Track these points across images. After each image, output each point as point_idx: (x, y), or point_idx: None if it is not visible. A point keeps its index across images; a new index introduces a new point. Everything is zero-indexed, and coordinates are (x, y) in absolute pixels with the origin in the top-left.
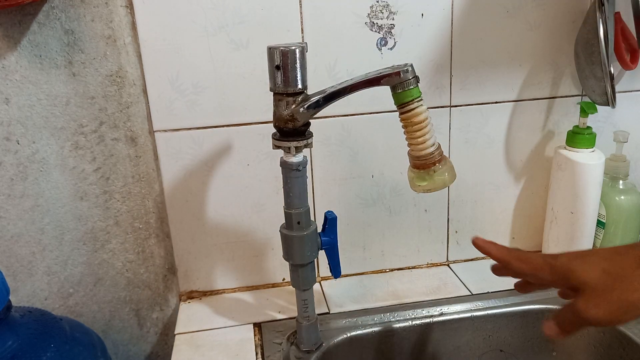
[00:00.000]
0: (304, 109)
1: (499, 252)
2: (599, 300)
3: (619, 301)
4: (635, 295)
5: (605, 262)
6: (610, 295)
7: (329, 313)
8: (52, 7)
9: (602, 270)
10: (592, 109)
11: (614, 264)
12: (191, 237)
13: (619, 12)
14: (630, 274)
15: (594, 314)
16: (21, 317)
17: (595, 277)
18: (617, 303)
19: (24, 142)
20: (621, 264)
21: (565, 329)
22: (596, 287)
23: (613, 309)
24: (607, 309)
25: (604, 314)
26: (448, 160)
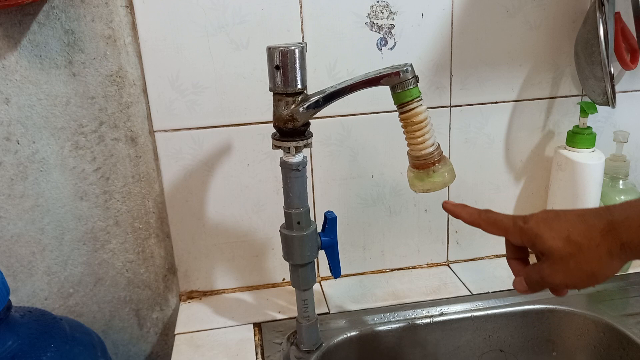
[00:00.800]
0: (303, 109)
1: (469, 215)
2: (560, 267)
3: (577, 270)
4: (592, 265)
5: (571, 230)
6: (569, 263)
7: (329, 313)
8: (52, 7)
9: (566, 239)
10: (592, 109)
11: (578, 232)
12: (191, 237)
13: (619, 12)
14: (592, 245)
15: (554, 279)
16: (21, 317)
17: (559, 245)
18: (575, 272)
19: (24, 142)
20: (585, 233)
21: (532, 288)
22: (558, 255)
23: (571, 276)
24: (566, 276)
25: (562, 280)
26: (448, 160)
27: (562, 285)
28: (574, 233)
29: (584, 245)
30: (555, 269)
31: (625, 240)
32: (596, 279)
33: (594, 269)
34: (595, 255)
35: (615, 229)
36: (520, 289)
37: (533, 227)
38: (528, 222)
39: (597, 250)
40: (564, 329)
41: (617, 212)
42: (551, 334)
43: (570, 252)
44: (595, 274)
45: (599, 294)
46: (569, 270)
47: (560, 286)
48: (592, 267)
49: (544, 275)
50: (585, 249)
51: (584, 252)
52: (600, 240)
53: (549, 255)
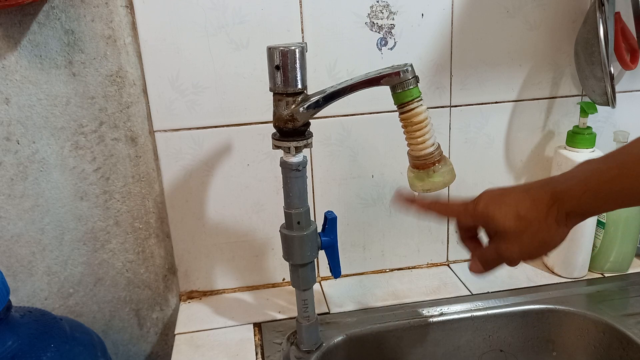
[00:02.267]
0: (303, 109)
1: (422, 205)
2: (515, 242)
3: (530, 242)
4: (543, 235)
5: (519, 207)
6: (522, 238)
7: (329, 313)
8: (52, 7)
9: (516, 216)
10: (592, 109)
11: (526, 208)
12: (191, 237)
13: (619, 12)
14: (540, 217)
15: (511, 254)
16: (21, 317)
17: (511, 224)
18: (529, 244)
19: (24, 142)
20: (532, 207)
21: (488, 266)
22: (512, 232)
23: (526, 248)
24: (522, 249)
25: (518, 254)
26: (448, 160)
27: (519, 258)
28: (522, 209)
29: (533, 219)
30: (510, 244)
31: (569, 210)
32: (548, 247)
33: (545, 239)
34: (544, 227)
35: (559, 199)
36: (476, 270)
37: (483, 210)
38: (478, 205)
39: (546, 221)
40: (564, 329)
41: (559, 183)
42: (551, 334)
43: (522, 228)
44: (547, 242)
45: (599, 294)
46: (523, 243)
47: (516, 259)
48: (544, 237)
49: (501, 252)
50: (535, 223)
51: (534, 226)
52: (547, 213)
53: (503, 233)
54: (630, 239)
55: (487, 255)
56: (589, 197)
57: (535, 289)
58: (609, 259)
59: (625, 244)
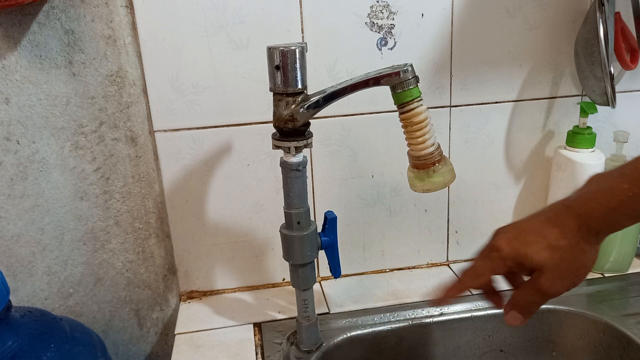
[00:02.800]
0: (303, 109)
1: (455, 290)
2: (556, 274)
3: (570, 270)
4: (580, 260)
5: (548, 238)
6: (561, 267)
7: (329, 313)
8: (52, 7)
9: (548, 247)
10: (592, 109)
11: (556, 238)
12: (191, 237)
13: (619, 12)
14: (573, 243)
15: (555, 288)
16: (21, 317)
17: (547, 256)
18: (569, 272)
19: (24, 142)
20: (562, 235)
21: (530, 312)
22: (549, 264)
23: (568, 277)
24: (564, 280)
25: (562, 285)
26: (448, 160)
27: (562, 288)
28: (552, 240)
29: (567, 247)
30: (551, 278)
31: (598, 229)
32: (587, 269)
33: (583, 262)
34: (578, 251)
35: (586, 223)
36: (517, 321)
37: (511, 252)
38: (501, 251)
39: (579, 246)
40: (564, 329)
41: (579, 205)
42: (551, 334)
43: (558, 258)
44: (585, 265)
45: (599, 294)
46: (563, 273)
47: (560, 291)
48: (581, 261)
49: (543, 288)
50: (569, 249)
51: (568, 253)
52: (578, 237)
53: (540, 269)
54: (630, 239)
55: (527, 298)
56: (614, 215)
57: None
58: (609, 259)
59: (625, 244)
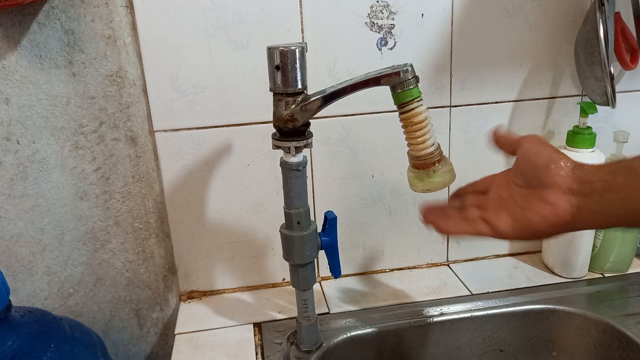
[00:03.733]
0: (304, 109)
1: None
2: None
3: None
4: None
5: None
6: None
7: (329, 313)
8: (52, 7)
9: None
10: (592, 109)
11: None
12: (191, 237)
13: (619, 12)
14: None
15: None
16: (21, 317)
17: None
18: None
19: (24, 142)
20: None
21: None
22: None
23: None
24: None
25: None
26: (448, 160)
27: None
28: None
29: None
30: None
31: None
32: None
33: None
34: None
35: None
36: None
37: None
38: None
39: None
40: (564, 329)
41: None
42: (551, 334)
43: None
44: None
45: (599, 294)
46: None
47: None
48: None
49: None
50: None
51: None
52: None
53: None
54: (630, 239)
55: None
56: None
57: (535, 289)
58: (609, 259)
59: (625, 244)
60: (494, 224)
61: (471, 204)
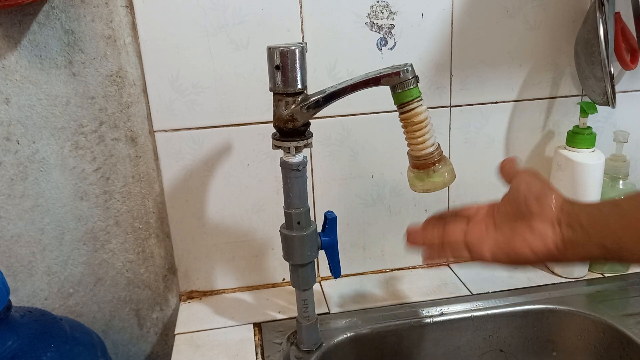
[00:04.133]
0: (303, 109)
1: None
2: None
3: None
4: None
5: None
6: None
7: (329, 313)
8: (52, 7)
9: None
10: (592, 109)
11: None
12: (191, 237)
13: (619, 12)
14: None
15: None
16: (21, 317)
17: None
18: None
19: (24, 142)
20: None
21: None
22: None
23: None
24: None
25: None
26: (448, 160)
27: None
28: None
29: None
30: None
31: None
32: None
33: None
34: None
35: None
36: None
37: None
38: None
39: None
40: (564, 329)
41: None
42: (551, 334)
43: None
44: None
45: (599, 294)
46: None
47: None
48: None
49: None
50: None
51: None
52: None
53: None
54: None
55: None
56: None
57: (535, 289)
58: None
59: None
60: (476, 250)
61: (453, 227)
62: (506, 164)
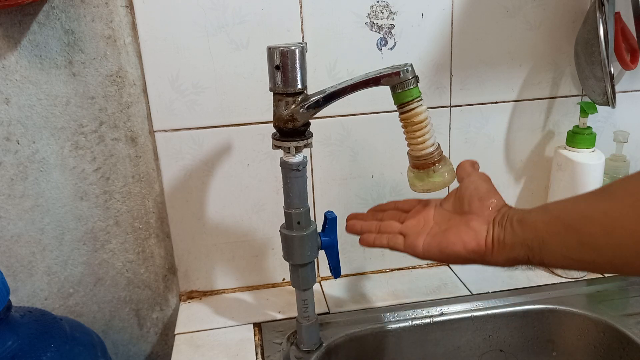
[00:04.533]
0: (303, 109)
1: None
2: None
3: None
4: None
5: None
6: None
7: (329, 313)
8: (52, 7)
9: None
10: (592, 109)
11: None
12: (191, 237)
13: (619, 12)
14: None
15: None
16: (21, 317)
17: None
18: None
19: (24, 142)
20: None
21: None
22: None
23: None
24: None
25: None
26: (448, 160)
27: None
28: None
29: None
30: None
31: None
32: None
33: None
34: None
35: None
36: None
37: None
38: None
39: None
40: (564, 329)
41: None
42: (551, 334)
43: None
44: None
45: (599, 294)
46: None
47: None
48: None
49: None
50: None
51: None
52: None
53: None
54: None
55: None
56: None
57: (535, 289)
58: None
59: None
60: (410, 240)
61: (392, 218)
62: (466, 164)
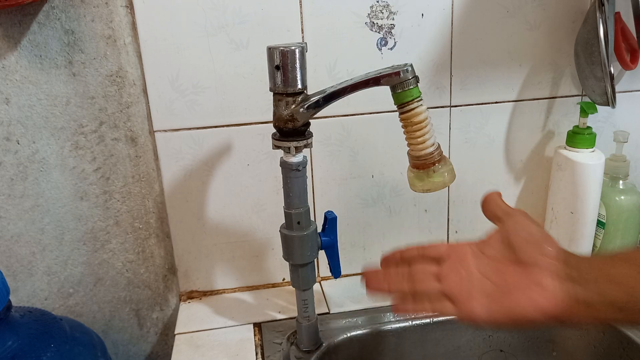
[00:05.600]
0: (303, 109)
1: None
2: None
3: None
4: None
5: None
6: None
7: (329, 313)
8: (52, 7)
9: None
10: (592, 109)
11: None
12: (191, 237)
13: (619, 12)
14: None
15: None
16: (21, 317)
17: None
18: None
19: (24, 142)
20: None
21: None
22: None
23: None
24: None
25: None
26: (448, 160)
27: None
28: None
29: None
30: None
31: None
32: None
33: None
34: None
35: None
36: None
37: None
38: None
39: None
40: (564, 329)
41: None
42: (551, 334)
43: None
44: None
45: None
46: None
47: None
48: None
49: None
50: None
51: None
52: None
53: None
54: (630, 239)
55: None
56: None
57: None
58: None
59: (625, 244)
60: (464, 304)
61: (425, 273)
62: (491, 199)
